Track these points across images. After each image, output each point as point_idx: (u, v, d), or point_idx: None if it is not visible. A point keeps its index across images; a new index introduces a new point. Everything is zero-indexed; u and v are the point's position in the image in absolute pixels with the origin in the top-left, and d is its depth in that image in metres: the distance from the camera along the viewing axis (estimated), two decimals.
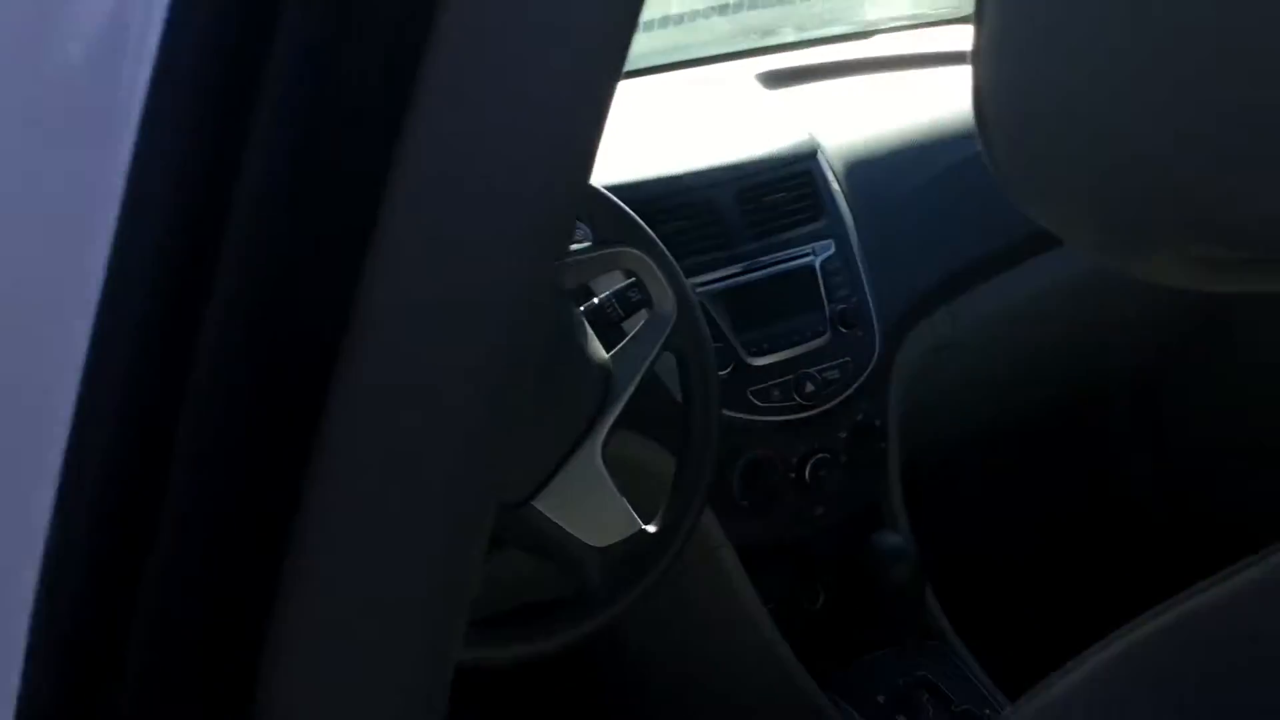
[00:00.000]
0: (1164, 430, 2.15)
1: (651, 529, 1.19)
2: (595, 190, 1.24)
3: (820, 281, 1.55)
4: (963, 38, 2.04)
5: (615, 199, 1.25)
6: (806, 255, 1.56)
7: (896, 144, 1.74)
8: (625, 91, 1.89)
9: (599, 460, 1.18)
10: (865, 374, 1.55)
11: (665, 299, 1.25)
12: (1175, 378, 2.15)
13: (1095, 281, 1.70)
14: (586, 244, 1.24)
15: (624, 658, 1.79)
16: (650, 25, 1.93)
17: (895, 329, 1.61)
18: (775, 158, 1.60)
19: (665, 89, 1.86)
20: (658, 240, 1.26)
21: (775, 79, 1.84)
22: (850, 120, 1.76)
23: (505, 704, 1.94)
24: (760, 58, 1.97)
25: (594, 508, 1.17)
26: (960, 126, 1.76)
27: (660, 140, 1.65)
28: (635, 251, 1.24)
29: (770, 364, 1.50)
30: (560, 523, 1.15)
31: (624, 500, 1.18)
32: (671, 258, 1.27)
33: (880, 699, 1.49)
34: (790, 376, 1.50)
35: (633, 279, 1.28)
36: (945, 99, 1.84)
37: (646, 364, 1.23)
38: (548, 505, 1.15)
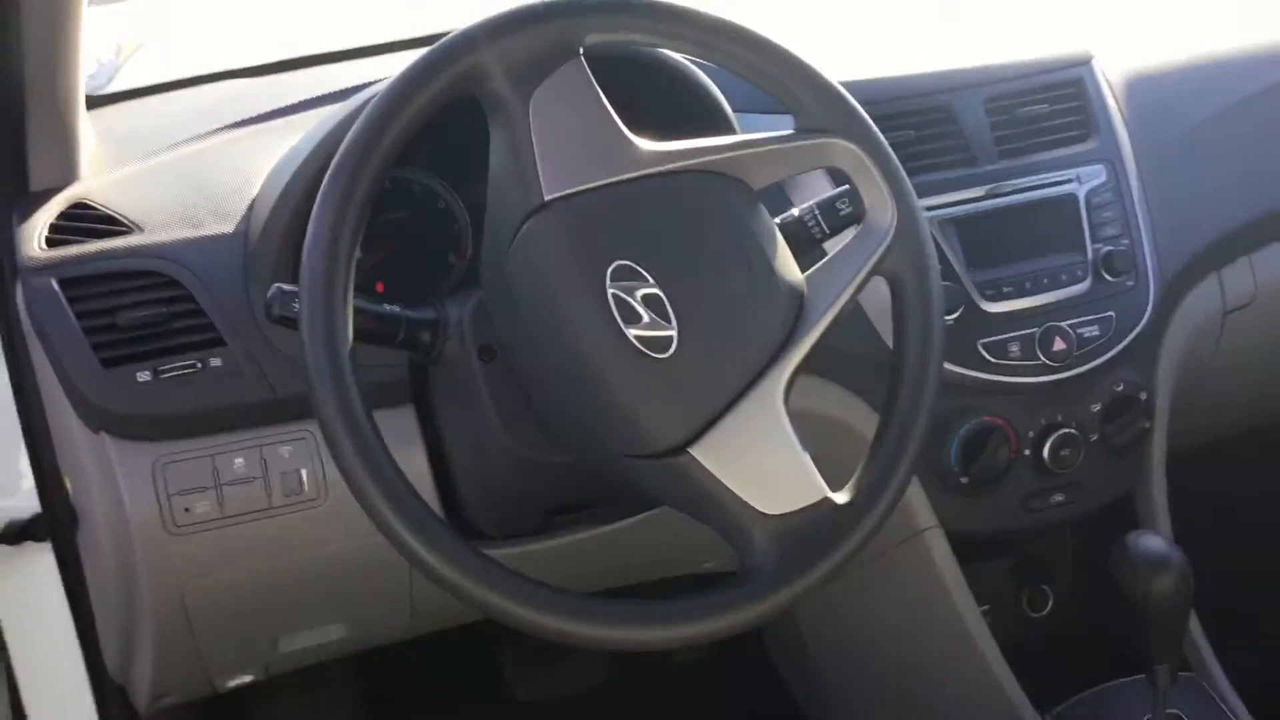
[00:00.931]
0: None
1: (841, 499, 0.94)
2: (800, 64, 0.98)
3: (1084, 215, 1.27)
4: None
5: (828, 78, 0.99)
6: (1069, 182, 1.27)
7: (1191, 61, 1.43)
8: None
9: (780, 405, 0.93)
10: (1133, 334, 1.26)
11: (883, 211, 0.99)
12: None
13: None
14: (787, 132, 0.99)
15: (799, 655, 1.55)
16: None
17: (1176, 282, 1.32)
18: (1038, 62, 1.31)
19: None
20: (880, 136, 0.99)
21: None
22: (1137, 28, 1.45)
23: (665, 698, 1.75)
24: None
25: (769, 465, 0.93)
26: (1275, 49, 1.43)
27: (899, 36, 1.38)
28: (850, 145, 0.98)
29: (1011, 312, 1.23)
30: (724, 480, 0.91)
31: (808, 459, 0.93)
32: (896, 160, 1.00)
33: None
34: (1035, 329, 1.23)
35: (843, 188, 1.02)
36: (1257, 17, 1.50)
37: (851, 290, 0.97)
38: (710, 456, 0.91)
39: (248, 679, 1.28)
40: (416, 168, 1.21)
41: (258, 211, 1.12)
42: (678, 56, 1.13)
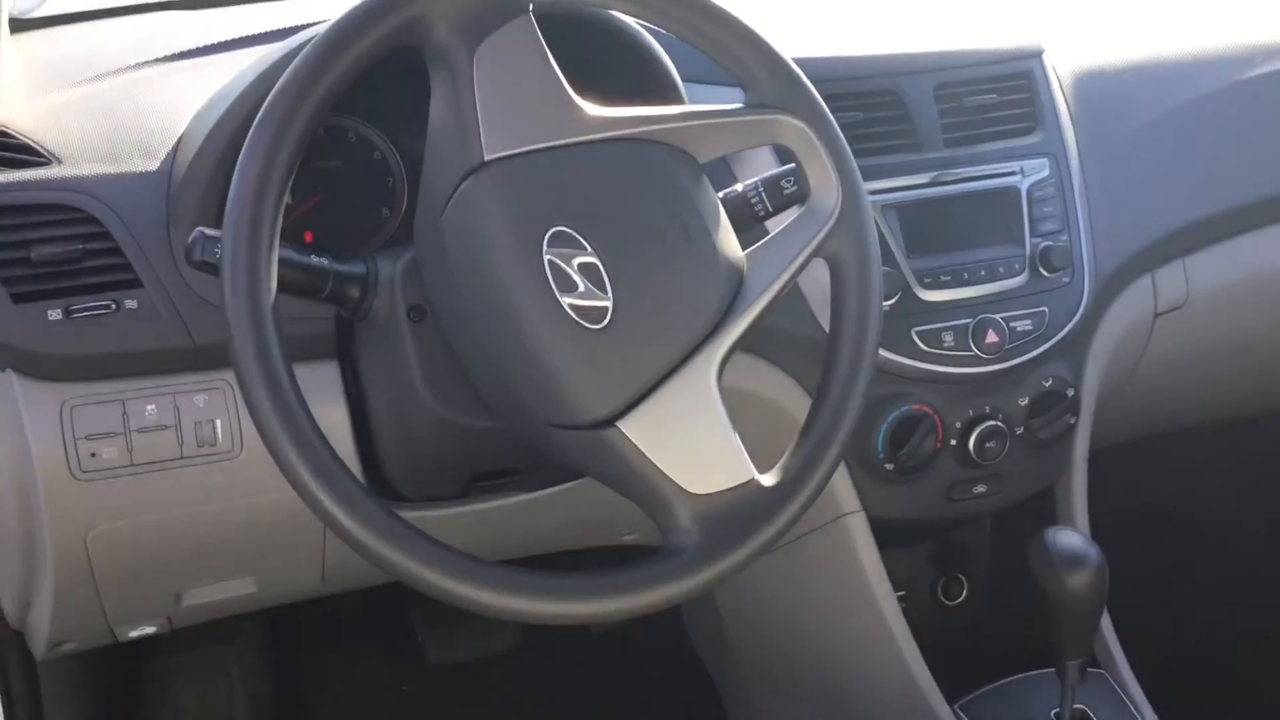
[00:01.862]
0: None
1: (768, 481, 0.93)
2: (755, 37, 0.96)
3: (1025, 209, 1.27)
4: None
5: (783, 53, 0.97)
6: (1012, 174, 1.27)
7: (1141, 62, 1.43)
8: None
9: (713, 384, 0.92)
10: (1064, 331, 1.26)
11: (828, 192, 0.97)
12: None
13: None
14: (736, 105, 0.97)
15: (715, 632, 1.55)
16: None
17: (1110, 281, 1.32)
18: (990, 52, 1.31)
19: None
20: (831, 117, 0.98)
21: None
22: (1088, 24, 1.45)
23: (578, 664, 1.74)
24: None
25: (698, 443, 0.91)
26: (1226, 53, 1.44)
27: (852, 18, 1.36)
28: (799, 124, 0.96)
29: (946, 301, 1.22)
30: (651, 456, 0.90)
31: (737, 439, 0.91)
32: (844, 141, 0.98)
33: None
34: (970, 320, 1.22)
35: (789, 167, 1.00)
36: (1207, 19, 1.50)
37: (791, 270, 0.95)
38: (639, 430, 0.90)
39: (150, 630, 1.25)
40: (354, 116, 1.18)
41: (184, 150, 1.07)
42: (630, 20, 1.11)
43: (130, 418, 1.03)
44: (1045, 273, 1.25)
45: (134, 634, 1.24)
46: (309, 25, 1.12)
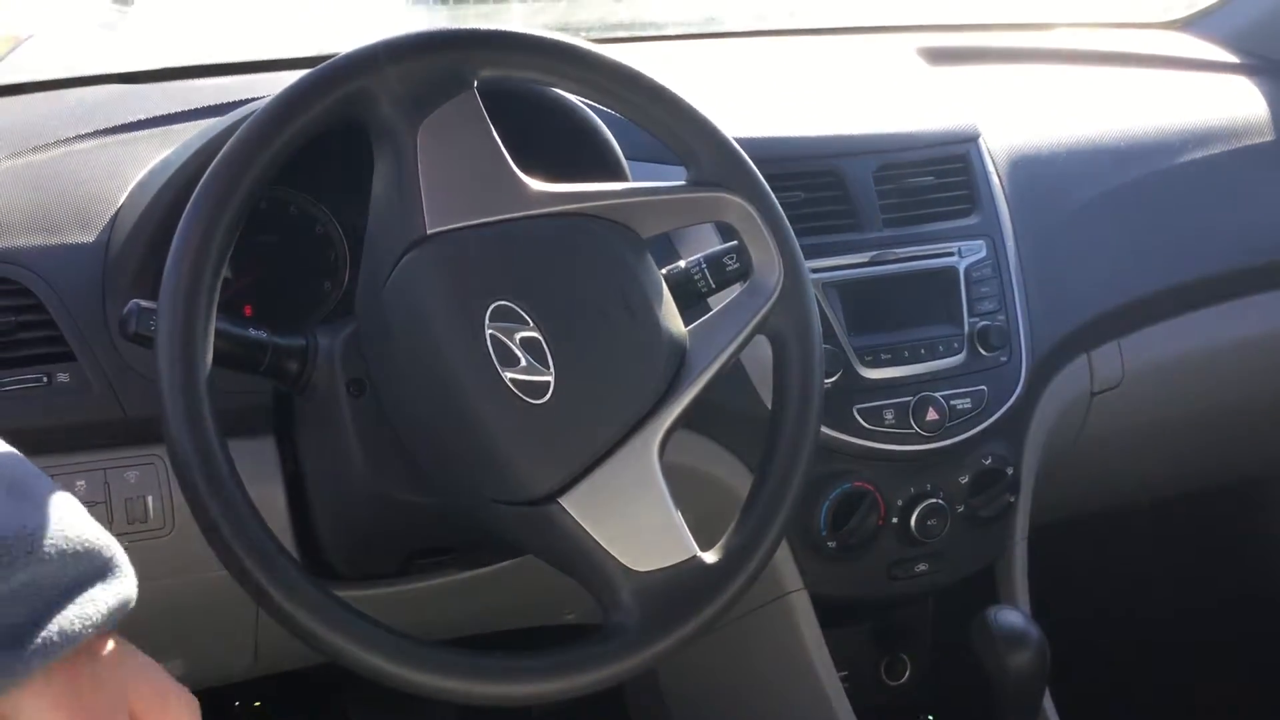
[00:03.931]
0: None
1: (710, 559, 0.92)
2: (698, 116, 0.97)
3: (963, 289, 1.28)
4: (1161, 42, 1.75)
5: (725, 132, 0.98)
6: (950, 255, 1.28)
7: (1075, 145, 1.46)
8: (769, 48, 1.68)
9: (655, 460, 0.91)
10: (1003, 409, 1.27)
11: (770, 269, 0.98)
12: None
13: None
14: (679, 183, 0.97)
15: (658, 711, 1.52)
16: None
17: (1047, 360, 1.33)
18: (928, 135, 1.33)
19: (815, 52, 1.61)
20: (772, 195, 0.99)
21: (940, 56, 1.58)
22: (1023, 111, 1.49)
23: None
24: (927, 34, 1.70)
25: (639, 520, 0.90)
26: (1158, 137, 1.47)
27: (794, 100, 1.38)
28: (742, 202, 0.97)
29: (887, 379, 1.23)
30: (592, 533, 0.89)
31: (679, 517, 0.91)
32: (786, 219, 0.99)
33: None
34: (910, 398, 1.23)
35: (731, 244, 1.01)
36: (1140, 104, 1.54)
37: (733, 347, 0.96)
38: (579, 507, 0.89)
39: None
40: (295, 189, 1.17)
41: (122, 221, 1.06)
42: (573, 98, 1.12)
43: None
44: (984, 352, 1.26)
45: None
46: (252, 100, 1.11)
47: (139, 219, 1.03)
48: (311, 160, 0.94)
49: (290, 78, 0.89)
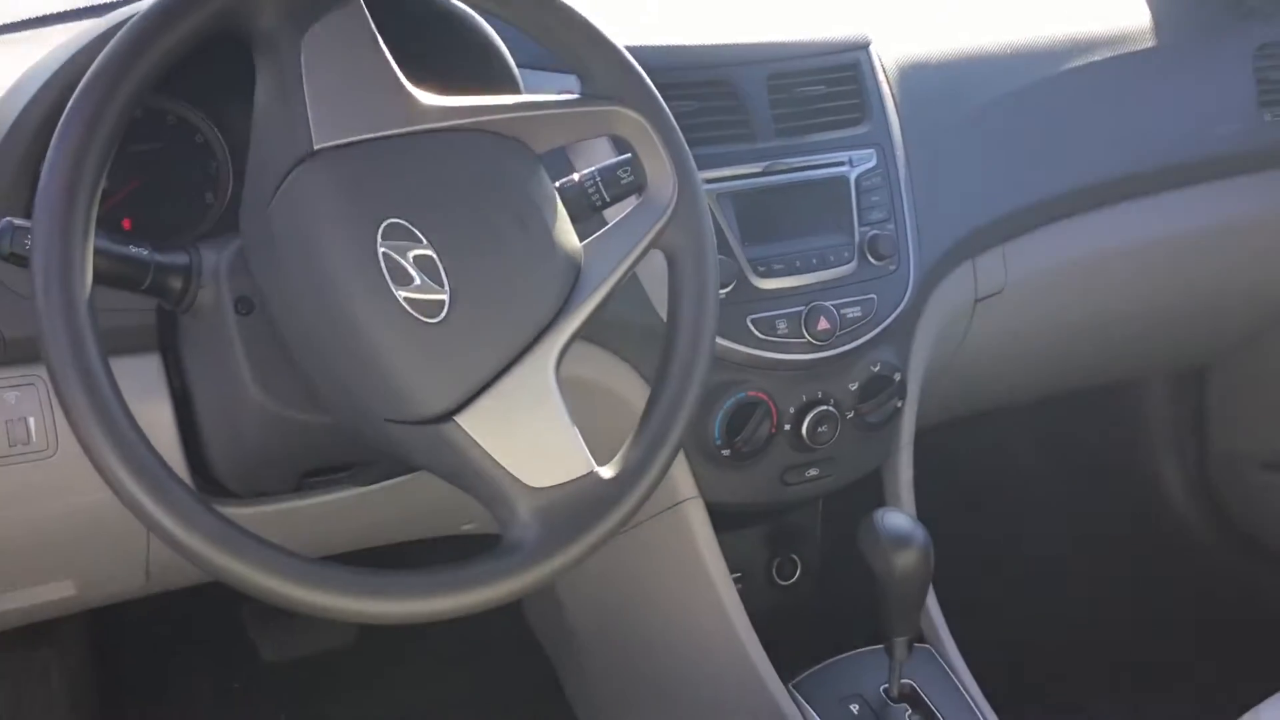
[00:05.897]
0: (1205, 433, 1.89)
1: (607, 473, 0.93)
2: (591, 28, 0.95)
3: (853, 198, 1.29)
4: None
5: (619, 45, 0.97)
6: (841, 165, 1.29)
7: (965, 54, 1.47)
8: None
9: (551, 376, 0.91)
10: (891, 317, 1.29)
11: (664, 183, 0.98)
12: (1225, 376, 1.89)
13: (1189, 246, 1.44)
14: (572, 96, 0.96)
15: (555, 619, 1.55)
16: None
17: (933, 269, 1.35)
18: (819, 43, 1.33)
19: None
20: (666, 109, 0.98)
21: None
22: (914, 20, 1.49)
23: (416, 655, 1.72)
24: None
25: (536, 436, 0.90)
26: (1048, 46, 1.49)
27: (686, 9, 1.37)
28: (633, 114, 0.96)
29: (780, 289, 1.24)
30: (489, 450, 0.89)
31: (576, 432, 0.91)
32: (680, 134, 0.99)
33: (854, 708, 1.24)
34: (802, 308, 1.24)
35: (625, 156, 1.01)
36: (1029, 14, 1.56)
37: (629, 261, 0.96)
38: (476, 425, 0.89)
39: None
40: (174, 97, 1.13)
41: None
42: (464, 7, 1.09)
43: None
44: (873, 261, 1.28)
45: None
46: (129, 1, 1.07)
47: (9, 132, 0.98)
48: (190, 66, 0.91)
49: None
